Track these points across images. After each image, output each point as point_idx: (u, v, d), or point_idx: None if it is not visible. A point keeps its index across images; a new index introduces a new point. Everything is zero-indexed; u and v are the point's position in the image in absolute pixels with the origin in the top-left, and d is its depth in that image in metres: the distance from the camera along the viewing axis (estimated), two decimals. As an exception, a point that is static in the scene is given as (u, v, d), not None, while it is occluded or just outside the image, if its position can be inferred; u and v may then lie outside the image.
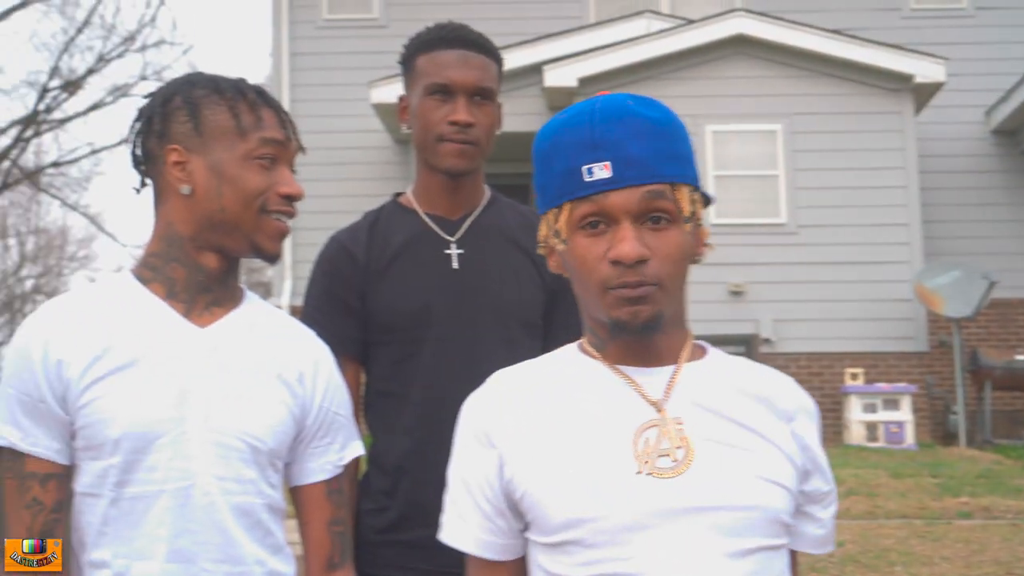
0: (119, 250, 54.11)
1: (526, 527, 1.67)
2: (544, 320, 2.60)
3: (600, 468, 1.58)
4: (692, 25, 12.03)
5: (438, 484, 2.43)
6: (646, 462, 1.57)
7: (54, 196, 32.91)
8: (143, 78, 29.30)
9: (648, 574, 1.54)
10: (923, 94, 12.04)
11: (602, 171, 1.57)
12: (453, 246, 2.55)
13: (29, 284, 38.62)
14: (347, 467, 2.15)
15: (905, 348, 11.47)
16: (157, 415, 1.90)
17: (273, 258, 2.02)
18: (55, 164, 30.85)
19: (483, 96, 2.53)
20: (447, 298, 2.50)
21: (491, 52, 2.58)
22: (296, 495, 2.11)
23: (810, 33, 11.87)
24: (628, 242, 1.55)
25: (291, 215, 2.03)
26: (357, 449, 2.16)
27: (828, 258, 11.37)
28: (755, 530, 1.57)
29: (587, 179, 1.58)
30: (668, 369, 1.65)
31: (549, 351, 2.56)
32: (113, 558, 1.91)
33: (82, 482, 1.94)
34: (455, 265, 2.53)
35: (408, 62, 2.60)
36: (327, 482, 2.09)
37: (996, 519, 6.85)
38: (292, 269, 13.50)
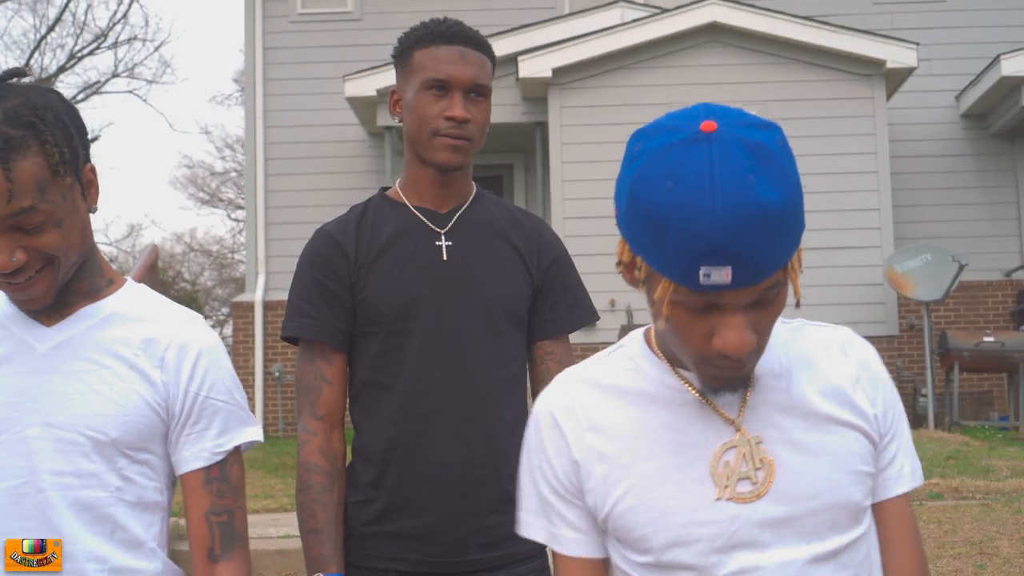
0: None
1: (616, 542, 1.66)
2: (528, 314, 2.63)
3: (682, 491, 1.58)
4: (666, 14, 12.05)
5: (425, 474, 2.47)
6: (726, 487, 1.56)
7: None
8: (115, 75, 29.18)
9: None
10: (894, 79, 12.11)
11: (721, 277, 1.41)
12: (443, 238, 2.57)
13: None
14: (234, 454, 2.07)
15: (876, 332, 11.55)
16: None
17: None
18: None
19: (479, 93, 2.56)
20: (436, 289, 2.51)
21: (487, 49, 2.61)
22: (182, 485, 2.06)
23: (783, 20, 11.92)
24: (736, 334, 1.46)
25: None
26: (245, 436, 2.08)
27: (800, 243, 11.43)
28: (840, 527, 1.58)
29: (703, 281, 1.42)
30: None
31: (532, 343, 2.62)
32: None
33: None
34: (444, 257, 2.55)
35: (403, 56, 2.61)
36: (204, 470, 2.03)
37: (966, 499, 6.90)
38: (266, 264, 13.47)
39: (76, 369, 1.95)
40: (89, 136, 2.01)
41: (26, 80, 1.96)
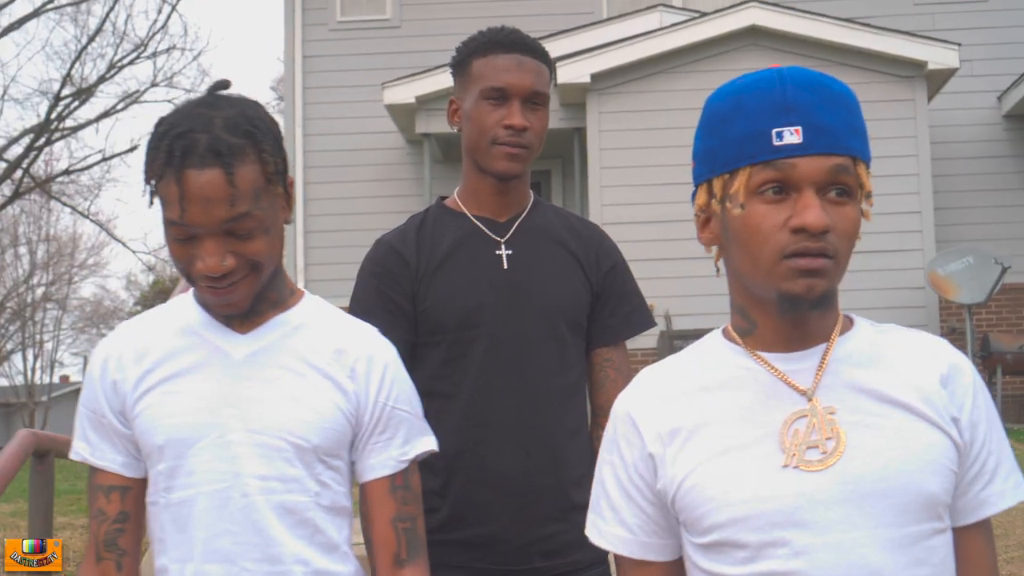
0: (129, 257, 54.17)
1: (682, 527, 1.64)
2: (587, 320, 2.63)
3: (747, 463, 1.56)
4: (705, 17, 12.02)
5: (488, 482, 2.48)
6: (794, 455, 1.54)
7: (65, 204, 33.06)
8: (154, 84, 29.45)
9: (803, 570, 1.52)
10: (936, 80, 12.02)
11: (792, 136, 1.52)
12: (503, 247, 2.57)
13: (40, 292, 38.74)
14: (413, 463, 2.10)
15: (919, 336, 11.44)
16: (193, 420, 1.96)
17: None
18: (66, 172, 30.99)
19: (537, 101, 2.57)
20: (498, 298, 2.52)
21: (544, 57, 2.62)
22: (362, 493, 2.10)
23: (822, 22, 11.86)
24: (814, 209, 1.50)
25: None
26: (424, 445, 2.11)
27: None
28: (911, 516, 1.53)
29: (776, 143, 1.52)
30: (818, 350, 1.62)
31: (590, 350, 2.62)
32: (169, 563, 1.98)
33: (148, 492, 2.03)
34: (505, 265, 2.55)
35: (461, 65, 2.62)
36: (390, 478, 2.06)
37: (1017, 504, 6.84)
38: (305, 272, 13.49)
39: (272, 376, 2.00)
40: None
41: (229, 91, 2.01)
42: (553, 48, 11.93)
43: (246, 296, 1.95)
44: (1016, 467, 1.65)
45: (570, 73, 11.73)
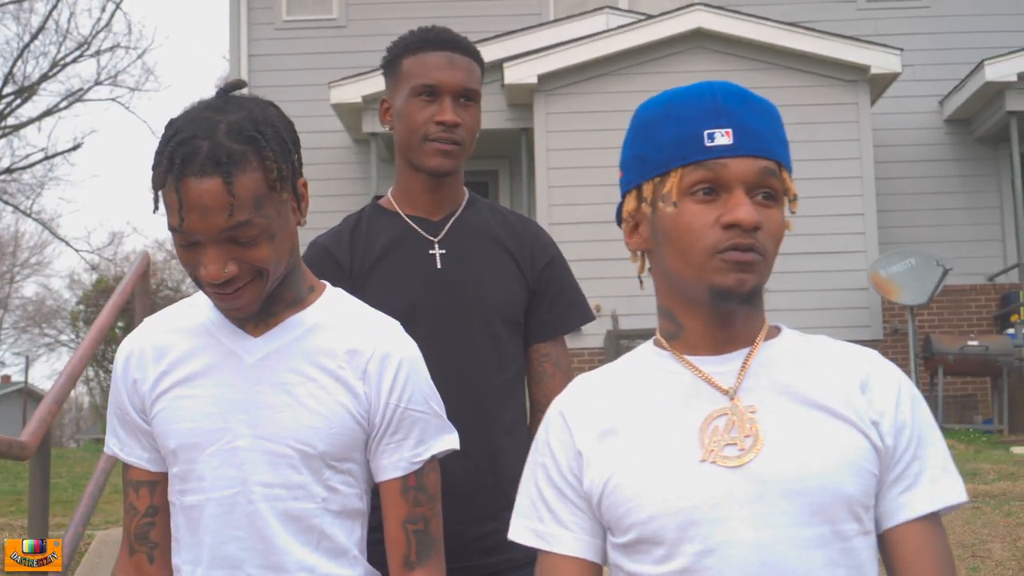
0: (72, 256, 53.71)
1: (607, 530, 1.66)
2: (524, 316, 2.63)
3: (666, 460, 1.58)
4: (651, 20, 12.08)
5: None
6: (712, 451, 1.57)
7: (7, 202, 32.64)
8: (98, 83, 29.15)
9: (718, 567, 1.52)
10: (879, 85, 12.15)
11: (723, 137, 1.59)
12: (436, 246, 2.57)
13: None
14: (431, 462, 2.08)
15: (860, 336, 11.54)
16: (205, 425, 1.96)
17: None
18: (8, 170, 30.60)
19: (468, 97, 2.58)
20: (432, 298, 2.52)
21: (475, 54, 2.63)
22: (380, 493, 2.08)
23: (767, 26, 11.95)
24: (746, 207, 1.56)
25: None
26: (444, 444, 2.09)
27: (784, 248, 11.17)
28: (827, 516, 1.54)
29: (707, 144, 1.59)
30: (742, 353, 1.65)
31: (528, 346, 2.62)
32: (182, 564, 2.00)
33: (168, 490, 2.04)
34: (439, 265, 2.56)
35: (392, 64, 2.62)
36: (402, 479, 2.03)
37: (955, 502, 6.92)
38: (255, 269, 13.41)
39: (283, 380, 1.98)
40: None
41: (243, 92, 2.00)
42: (500, 49, 11.96)
43: (252, 301, 1.93)
44: (947, 474, 1.64)
45: (517, 74, 11.75)
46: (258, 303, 1.94)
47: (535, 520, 1.71)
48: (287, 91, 13.51)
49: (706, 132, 1.59)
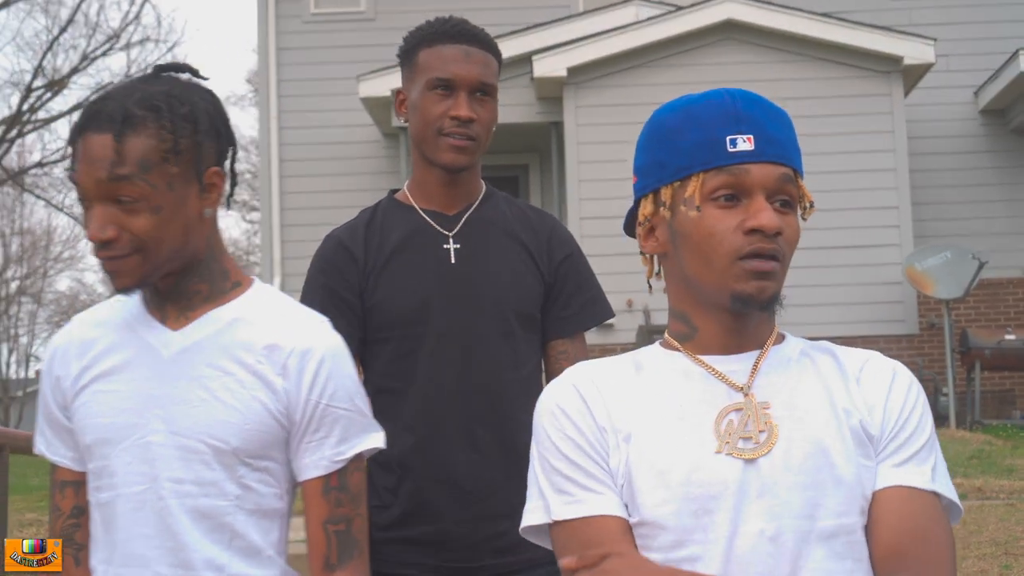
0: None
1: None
2: (541, 313, 2.60)
3: (682, 451, 1.59)
4: (681, 11, 12.01)
5: (440, 479, 2.48)
6: (727, 442, 1.58)
7: (39, 196, 32.84)
8: (127, 76, 29.26)
9: (729, 556, 1.54)
10: (912, 75, 12.04)
11: (745, 143, 1.61)
12: (451, 241, 2.55)
13: (14, 286, 38.47)
14: (355, 461, 2.04)
15: (895, 331, 11.49)
16: (119, 420, 1.94)
17: None
18: (40, 164, 30.80)
19: (484, 92, 2.54)
20: (446, 293, 2.50)
21: (492, 48, 2.59)
22: (302, 492, 2.06)
23: (799, 17, 11.86)
24: (768, 212, 1.59)
25: None
26: (367, 443, 2.05)
27: (818, 243, 11.33)
28: (835, 509, 1.56)
29: (730, 149, 1.61)
30: (753, 354, 1.67)
31: (545, 343, 2.59)
32: (97, 564, 1.97)
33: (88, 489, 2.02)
34: (453, 260, 2.53)
35: (408, 56, 2.60)
36: (324, 478, 2.00)
37: (990, 499, 6.85)
38: (281, 265, 13.44)
39: (200, 375, 1.95)
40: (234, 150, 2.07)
41: (186, 76, 2.04)
42: (529, 41, 11.93)
43: (131, 276, 1.92)
44: (931, 464, 1.63)
45: (547, 67, 11.70)
46: (138, 280, 1.93)
47: (557, 494, 1.66)
48: (316, 84, 13.56)
49: (728, 138, 1.61)
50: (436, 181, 2.57)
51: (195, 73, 2.05)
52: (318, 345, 2.01)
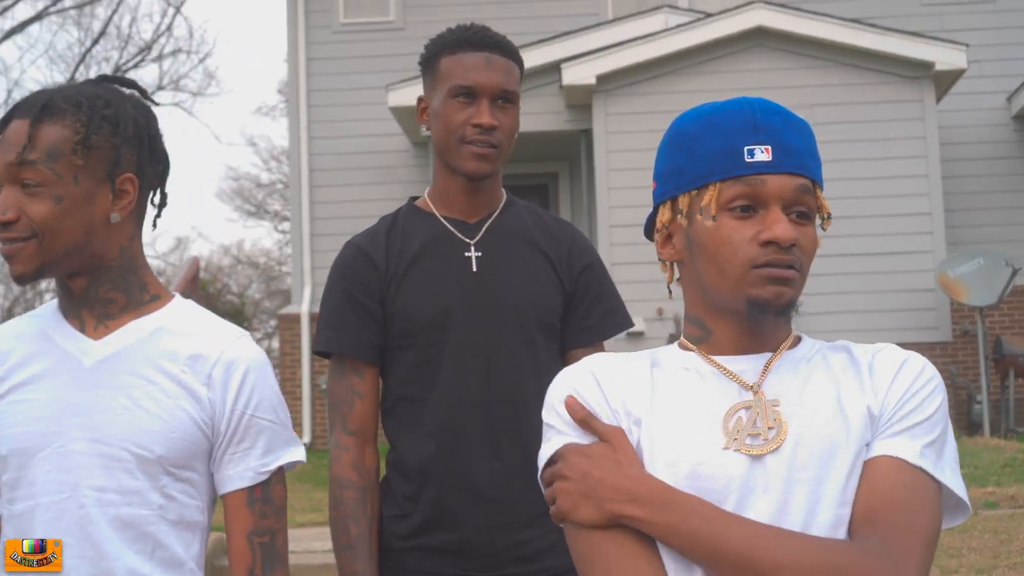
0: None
1: None
2: (561, 322, 2.60)
3: (689, 446, 1.59)
4: (710, 19, 11.98)
5: (463, 488, 2.47)
6: (735, 439, 1.59)
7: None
8: (160, 87, 29.44)
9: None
10: (944, 81, 11.95)
11: (763, 154, 1.61)
12: (472, 248, 2.54)
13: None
14: (277, 474, 2.06)
15: (928, 338, 11.40)
16: (37, 429, 1.93)
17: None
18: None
19: (506, 99, 2.53)
20: (467, 301, 2.50)
21: (514, 55, 2.58)
22: (223, 504, 2.06)
23: (829, 23, 11.80)
24: (784, 223, 1.58)
25: None
26: (289, 456, 2.07)
27: (850, 249, 11.30)
28: (838, 501, 1.55)
29: (748, 160, 1.61)
30: (765, 356, 1.67)
31: (565, 352, 2.58)
32: None
33: None
34: (474, 268, 2.53)
35: (430, 63, 2.60)
36: (248, 490, 2.02)
37: (1022, 508, 6.80)
38: (311, 275, 13.48)
39: (123, 384, 1.95)
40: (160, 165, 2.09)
41: (128, 91, 2.09)
42: (558, 50, 11.92)
43: (27, 264, 1.94)
44: (925, 442, 1.60)
45: (576, 74, 11.68)
46: (33, 269, 1.94)
47: (572, 431, 1.67)
48: (345, 94, 13.61)
49: (746, 148, 1.62)
50: (458, 189, 2.56)
51: (142, 92, 2.10)
52: (242, 356, 2.03)
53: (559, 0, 13.83)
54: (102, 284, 2.00)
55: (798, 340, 1.73)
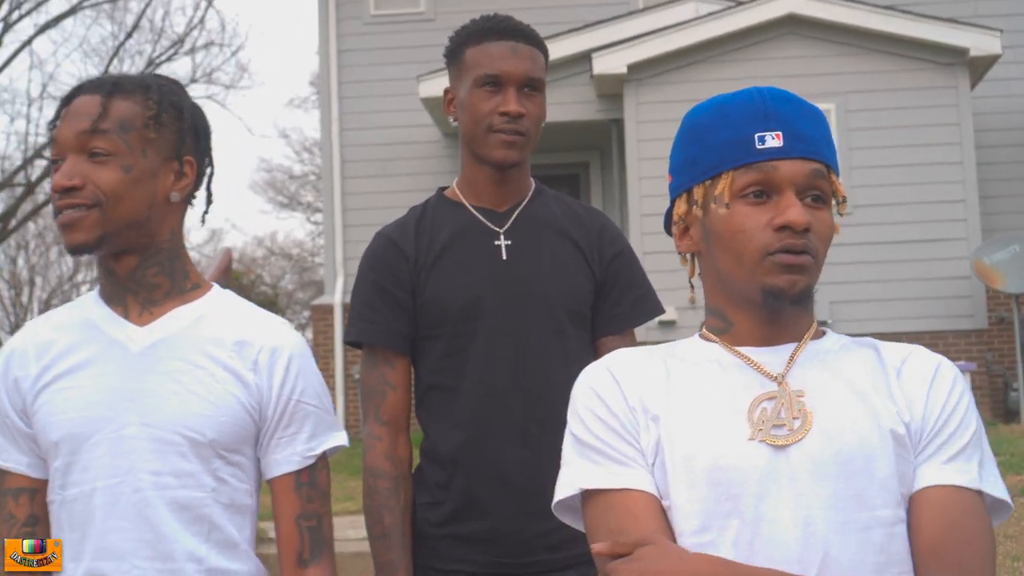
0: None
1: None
2: (592, 310, 2.60)
3: (714, 436, 1.59)
4: (741, 6, 11.92)
5: (491, 476, 2.48)
6: (760, 429, 1.59)
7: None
8: (193, 80, 29.53)
9: (756, 542, 1.54)
10: (978, 68, 11.85)
11: (774, 140, 1.62)
12: (502, 237, 2.55)
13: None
14: (322, 459, 2.09)
15: (964, 326, 11.33)
16: (89, 415, 1.95)
17: None
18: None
19: (532, 87, 2.53)
20: (497, 290, 2.50)
21: (539, 43, 2.58)
22: (270, 489, 2.08)
23: (862, 10, 11.73)
24: (797, 208, 1.59)
25: None
26: (333, 440, 2.11)
27: (885, 237, 11.24)
28: (868, 501, 1.55)
29: (759, 147, 1.62)
30: (790, 346, 1.67)
31: (596, 340, 2.58)
32: (65, 562, 1.96)
33: (48, 491, 2.01)
34: (504, 256, 2.53)
35: (455, 54, 2.60)
36: (295, 474, 2.05)
37: (1060, 496, 6.74)
38: (343, 266, 13.52)
39: (171, 369, 1.98)
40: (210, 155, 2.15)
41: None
42: (588, 39, 11.89)
43: (87, 233, 1.95)
44: (976, 461, 1.61)
45: (606, 64, 11.66)
46: (93, 239, 1.96)
47: (590, 464, 1.66)
48: (376, 85, 13.62)
49: (756, 135, 1.63)
50: (486, 178, 2.57)
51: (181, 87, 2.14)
52: (286, 343, 2.07)
53: (589, -11, 13.78)
54: (151, 266, 2.03)
55: (822, 332, 1.73)
